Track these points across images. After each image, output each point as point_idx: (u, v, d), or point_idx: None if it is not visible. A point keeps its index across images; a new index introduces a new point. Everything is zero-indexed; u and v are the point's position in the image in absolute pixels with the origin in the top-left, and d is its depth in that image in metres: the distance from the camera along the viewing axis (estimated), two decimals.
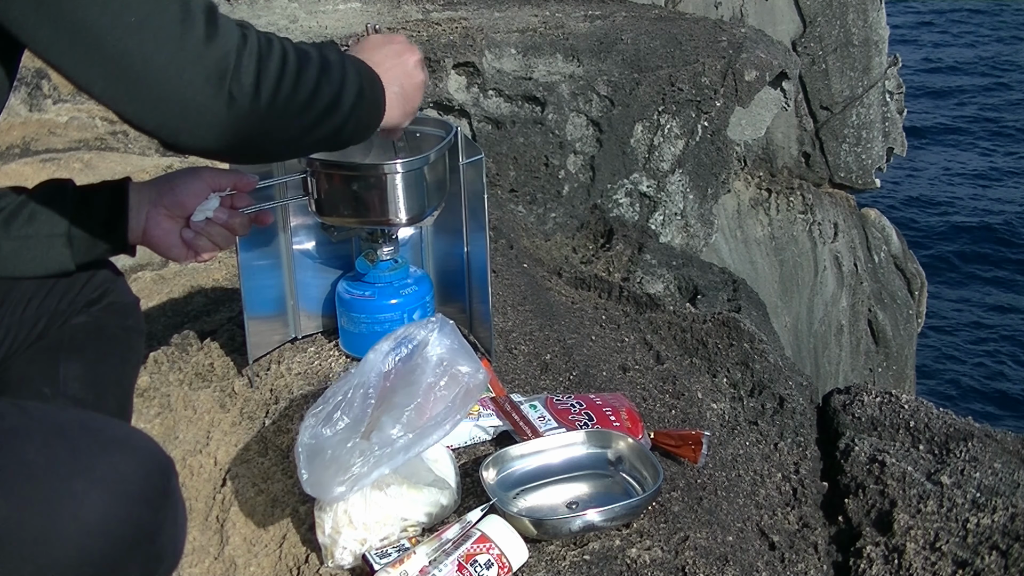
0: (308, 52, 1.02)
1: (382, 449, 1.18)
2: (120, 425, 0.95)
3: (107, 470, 0.85)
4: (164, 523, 0.89)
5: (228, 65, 0.91)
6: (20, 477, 0.82)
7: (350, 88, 1.07)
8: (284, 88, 0.96)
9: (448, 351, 1.29)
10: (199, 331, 1.92)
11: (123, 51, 0.88)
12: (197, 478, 1.51)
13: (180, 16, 0.89)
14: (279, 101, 0.96)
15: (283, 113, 0.98)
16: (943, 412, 1.92)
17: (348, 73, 1.07)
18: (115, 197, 1.20)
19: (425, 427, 1.22)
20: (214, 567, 1.34)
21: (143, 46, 0.88)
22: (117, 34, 0.87)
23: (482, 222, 1.63)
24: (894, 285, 4.99)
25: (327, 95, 1.03)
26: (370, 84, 1.13)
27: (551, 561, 1.26)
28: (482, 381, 1.29)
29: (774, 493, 1.72)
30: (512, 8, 3.65)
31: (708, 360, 2.15)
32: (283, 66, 0.97)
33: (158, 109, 0.91)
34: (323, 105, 1.03)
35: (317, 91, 1.01)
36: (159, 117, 0.91)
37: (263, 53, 0.95)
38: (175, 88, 0.90)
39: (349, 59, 1.10)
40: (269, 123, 0.97)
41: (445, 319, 1.35)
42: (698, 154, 3.38)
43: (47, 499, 0.82)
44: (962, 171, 11.56)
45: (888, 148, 4.98)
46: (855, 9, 4.72)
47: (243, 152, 1.01)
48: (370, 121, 1.15)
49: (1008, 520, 1.55)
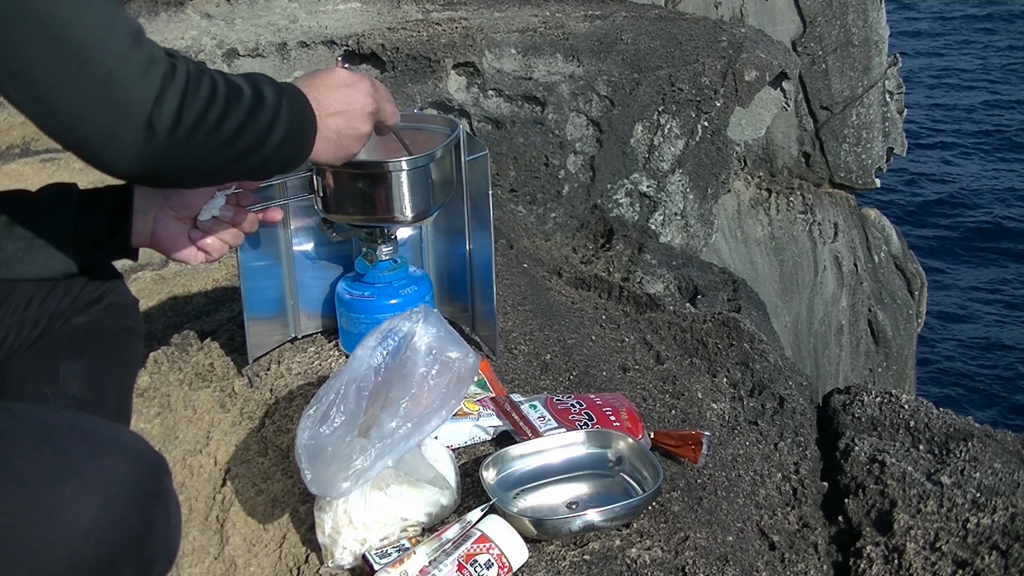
0: (240, 89, 1.01)
1: (382, 442, 1.18)
2: (110, 426, 0.95)
3: (97, 473, 0.84)
4: (156, 524, 0.88)
5: (150, 96, 0.90)
6: (9, 483, 0.82)
7: (277, 130, 1.05)
8: (205, 125, 0.95)
9: (436, 339, 1.30)
10: (199, 331, 1.92)
11: (44, 70, 0.87)
12: (197, 478, 1.51)
13: (103, 41, 0.88)
14: (198, 137, 0.95)
15: (200, 149, 0.96)
16: (943, 412, 1.92)
17: (280, 114, 1.05)
18: (119, 201, 1.20)
19: (422, 416, 1.22)
20: (214, 567, 1.34)
21: (65, 67, 0.87)
22: (39, 53, 0.86)
23: (486, 220, 1.63)
24: (894, 285, 4.99)
25: (251, 135, 1.01)
26: (300, 125, 1.11)
27: (551, 561, 1.26)
28: (473, 365, 1.30)
29: (774, 493, 1.72)
30: (512, 8, 3.65)
31: (708, 360, 2.15)
32: (208, 103, 0.95)
33: (76, 131, 0.90)
34: (245, 145, 1.01)
35: (241, 131, 0.99)
36: (76, 138, 0.90)
37: (189, 88, 0.93)
38: (94, 114, 0.88)
39: (287, 96, 1.08)
40: (185, 157, 0.96)
41: (429, 309, 1.36)
42: (698, 154, 3.38)
43: (37, 504, 0.82)
44: (962, 171, 11.56)
45: (888, 148, 4.97)
46: (855, 9, 4.72)
47: (157, 180, 1.00)
48: (293, 161, 1.12)
49: (1008, 520, 1.55)
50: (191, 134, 0.94)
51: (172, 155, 0.94)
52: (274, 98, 1.05)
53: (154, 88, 0.90)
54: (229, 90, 0.98)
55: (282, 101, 1.06)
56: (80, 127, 0.89)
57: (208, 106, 0.95)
